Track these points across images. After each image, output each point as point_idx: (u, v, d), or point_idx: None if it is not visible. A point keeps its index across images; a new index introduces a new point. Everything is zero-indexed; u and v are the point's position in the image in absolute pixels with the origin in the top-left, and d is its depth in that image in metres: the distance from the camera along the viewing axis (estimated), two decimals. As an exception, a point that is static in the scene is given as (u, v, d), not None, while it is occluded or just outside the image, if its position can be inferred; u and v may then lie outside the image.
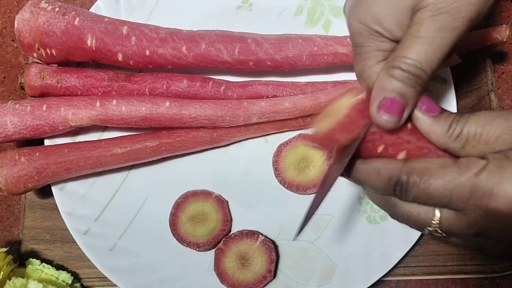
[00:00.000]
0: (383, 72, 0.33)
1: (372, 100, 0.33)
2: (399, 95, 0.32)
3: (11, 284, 0.46)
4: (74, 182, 0.53)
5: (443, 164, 0.31)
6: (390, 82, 0.32)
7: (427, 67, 0.32)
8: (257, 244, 0.50)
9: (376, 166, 0.33)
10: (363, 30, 0.35)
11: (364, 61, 0.36)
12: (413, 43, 0.32)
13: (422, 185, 0.31)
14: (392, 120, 0.32)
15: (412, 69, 0.32)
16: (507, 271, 0.52)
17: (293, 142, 0.53)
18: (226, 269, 0.50)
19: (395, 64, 0.32)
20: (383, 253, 0.50)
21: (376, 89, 0.33)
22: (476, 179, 0.29)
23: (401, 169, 0.32)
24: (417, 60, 0.32)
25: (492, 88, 0.57)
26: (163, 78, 0.52)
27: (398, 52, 0.33)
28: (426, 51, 0.32)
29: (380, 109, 0.32)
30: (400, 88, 0.32)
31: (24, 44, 0.50)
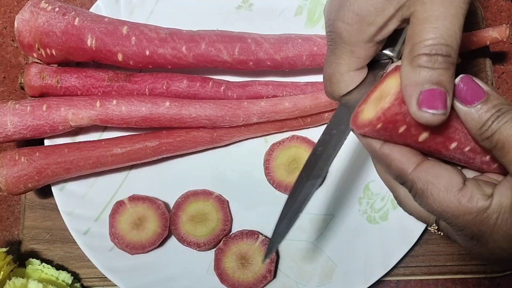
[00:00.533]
0: (406, 66, 0.30)
1: (408, 100, 0.29)
2: (436, 84, 0.29)
3: (11, 284, 0.46)
4: (74, 182, 0.53)
5: (447, 186, 0.30)
6: (419, 73, 0.29)
7: (452, 41, 0.29)
8: (257, 244, 0.50)
9: (391, 157, 0.31)
10: (343, 31, 0.33)
11: (337, 65, 0.34)
12: (426, 23, 0.29)
13: (424, 199, 0.31)
14: (439, 113, 0.28)
15: (438, 49, 0.29)
16: (507, 271, 0.52)
17: (286, 142, 0.53)
18: (226, 269, 0.50)
19: (417, 52, 0.29)
20: (383, 253, 0.50)
21: (406, 87, 0.29)
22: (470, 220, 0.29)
23: (409, 174, 0.31)
24: (440, 37, 0.29)
25: (492, 88, 0.57)
26: (163, 78, 0.52)
27: (413, 41, 0.30)
28: (444, 25, 0.29)
29: (421, 106, 0.28)
30: (434, 76, 0.29)
31: (24, 44, 0.50)
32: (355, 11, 0.32)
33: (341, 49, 0.34)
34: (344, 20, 0.32)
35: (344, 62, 0.34)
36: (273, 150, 0.52)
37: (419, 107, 0.29)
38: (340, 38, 0.33)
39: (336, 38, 0.34)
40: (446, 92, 0.29)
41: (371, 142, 0.32)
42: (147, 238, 0.50)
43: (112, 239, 0.50)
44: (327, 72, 0.35)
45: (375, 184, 0.53)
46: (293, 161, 0.52)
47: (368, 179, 0.53)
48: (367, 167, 0.53)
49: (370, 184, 0.53)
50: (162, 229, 0.51)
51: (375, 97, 0.31)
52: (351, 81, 0.34)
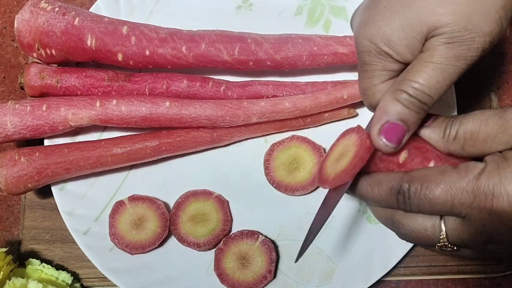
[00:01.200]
0: (388, 94, 0.33)
1: (374, 122, 0.33)
2: (402, 121, 0.32)
3: (11, 284, 0.46)
4: (74, 182, 0.53)
5: (442, 171, 0.31)
6: (395, 106, 0.32)
7: (435, 93, 0.32)
8: (257, 244, 0.50)
9: (378, 178, 0.33)
10: (371, 49, 0.34)
11: (369, 79, 0.36)
12: (424, 67, 0.32)
13: (424, 192, 0.31)
14: (390, 146, 0.32)
15: (419, 95, 0.32)
16: (507, 271, 0.52)
17: (286, 142, 0.53)
18: (226, 269, 0.50)
19: (403, 88, 0.32)
20: (383, 253, 0.50)
21: (379, 110, 0.33)
22: (476, 182, 0.29)
23: (402, 178, 0.32)
24: (426, 85, 0.32)
25: (492, 88, 0.57)
26: (163, 78, 0.52)
27: (407, 76, 0.32)
28: (436, 77, 0.32)
29: (381, 133, 0.32)
30: (404, 113, 0.32)
31: (24, 44, 0.50)
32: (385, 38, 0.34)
33: (372, 66, 0.35)
34: (372, 40, 0.34)
35: (376, 76, 0.35)
36: (273, 150, 0.52)
37: (379, 132, 0.33)
38: (369, 56, 0.35)
39: (365, 57, 0.35)
40: (407, 131, 0.32)
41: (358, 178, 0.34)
42: (147, 238, 0.50)
43: (112, 239, 0.50)
44: (362, 88, 0.37)
45: (375, 184, 0.53)
46: (293, 161, 0.52)
47: (368, 179, 0.53)
48: (367, 167, 0.53)
49: (370, 184, 0.53)
50: (162, 229, 0.51)
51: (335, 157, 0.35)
52: (386, 89, 0.35)
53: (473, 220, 0.30)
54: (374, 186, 0.33)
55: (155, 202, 0.51)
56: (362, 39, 0.35)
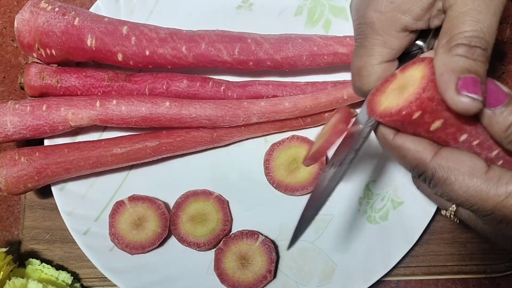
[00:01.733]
0: (443, 55, 0.29)
1: (444, 87, 0.28)
2: (474, 73, 0.28)
3: (11, 284, 0.46)
4: (74, 182, 0.53)
5: (472, 171, 0.29)
6: (458, 61, 0.29)
7: (489, 36, 0.29)
8: (257, 244, 0.50)
9: (405, 148, 0.31)
10: (375, 21, 0.32)
11: (368, 57, 0.33)
12: (466, 16, 0.29)
13: (446, 187, 0.30)
14: (478, 99, 0.28)
15: (477, 42, 0.29)
16: (507, 271, 0.52)
17: (286, 142, 0.53)
18: (226, 269, 0.50)
19: (456, 42, 0.29)
20: (383, 253, 0.50)
21: (443, 75, 0.29)
22: (500, 201, 0.28)
23: (429, 163, 0.30)
24: (480, 30, 0.29)
25: None
26: (163, 78, 0.52)
27: (453, 31, 0.29)
28: (484, 20, 0.29)
29: (461, 90, 0.28)
30: (472, 65, 0.28)
31: (24, 44, 0.50)
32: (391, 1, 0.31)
33: (372, 40, 0.33)
34: (377, 9, 0.32)
35: (375, 54, 0.33)
36: (273, 150, 0.52)
37: (458, 91, 0.28)
38: (372, 29, 0.32)
39: (367, 29, 0.33)
40: (483, 83, 0.28)
41: (385, 132, 0.32)
42: (147, 238, 0.50)
43: (112, 239, 0.50)
44: (356, 66, 0.34)
45: (375, 184, 0.53)
46: (293, 161, 0.52)
47: (368, 179, 0.53)
48: (368, 167, 0.53)
49: (370, 184, 0.53)
50: (162, 229, 0.51)
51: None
52: (383, 73, 0.33)
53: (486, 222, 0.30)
54: (399, 152, 0.31)
55: (155, 202, 0.51)
56: (366, 10, 0.32)
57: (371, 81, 0.33)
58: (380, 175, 0.53)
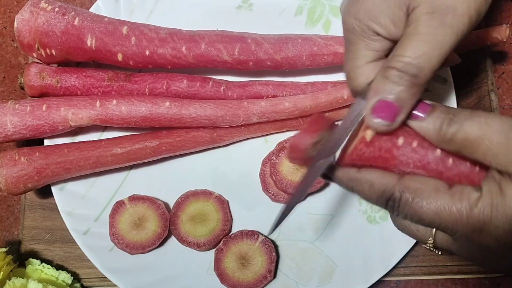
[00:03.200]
0: (378, 74, 0.32)
1: (368, 103, 0.32)
2: (394, 98, 0.31)
3: (11, 284, 0.46)
4: (74, 182, 0.53)
5: (436, 188, 0.30)
6: (384, 83, 0.31)
7: (424, 65, 0.31)
8: (257, 244, 0.50)
9: (370, 178, 0.32)
10: (355, 26, 0.34)
11: (353, 60, 0.35)
12: (411, 40, 0.31)
13: (414, 206, 0.30)
14: (384, 123, 0.31)
15: (408, 68, 0.31)
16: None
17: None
18: (226, 269, 0.50)
19: (391, 64, 0.31)
20: (383, 253, 0.50)
21: (370, 91, 0.32)
22: (466, 214, 0.29)
23: (395, 185, 0.31)
24: (414, 57, 0.30)
25: (492, 88, 0.57)
26: (163, 78, 0.52)
27: (395, 52, 0.32)
28: (424, 48, 0.31)
29: (373, 112, 0.31)
30: (396, 90, 0.31)
31: (24, 44, 0.50)
32: (368, 12, 0.33)
33: (356, 45, 0.35)
34: (356, 17, 0.34)
35: (360, 56, 0.35)
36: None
37: (371, 112, 0.31)
38: (354, 34, 0.34)
39: (350, 35, 0.35)
40: (401, 108, 0.31)
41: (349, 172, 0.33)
42: (147, 238, 0.50)
43: (112, 239, 0.50)
44: (346, 70, 0.36)
45: (375, 184, 0.53)
46: None
47: (368, 179, 0.53)
48: (367, 167, 0.53)
49: (370, 184, 0.53)
50: (162, 229, 0.51)
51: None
52: (370, 71, 0.35)
53: (461, 241, 0.31)
54: (364, 185, 0.33)
55: (155, 202, 0.51)
56: (347, 17, 0.35)
57: (360, 81, 0.35)
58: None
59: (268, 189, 0.52)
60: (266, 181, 0.52)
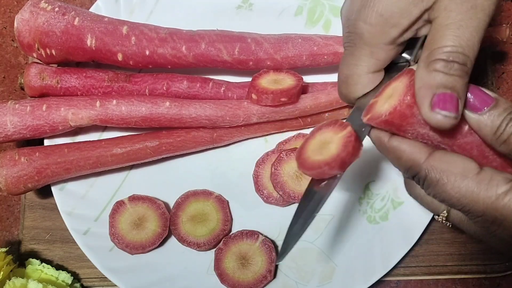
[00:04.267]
0: (422, 69, 0.30)
1: (421, 101, 0.30)
2: (450, 89, 0.29)
3: (11, 284, 0.46)
4: (74, 182, 0.53)
5: (464, 172, 0.30)
6: (435, 77, 0.29)
7: (469, 51, 0.30)
8: (257, 244, 0.50)
9: (400, 150, 0.31)
10: (365, 32, 0.33)
11: (355, 66, 0.34)
12: (447, 30, 0.30)
13: (439, 188, 0.30)
14: (451, 116, 0.29)
15: (456, 56, 0.29)
16: (507, 271, 0.52)
17: (292, 141, 0.53)
18: (226, 269, 0.50)
19: (435, 57, 0.30)
20: (383, 253, 0.50)
21: (421, 89, 0.30)
22: (490, 203, 0.29)
23: (422, 164, 0.31)
24: (458, 45, 0.29)
25: (492, 88, 0.57)
26: (163, 79, 0.52)
27: (433, 45, 0.30)
28: (464, 34, 0.30)
29: (434, 107, 0.29)
30: (449, 81, 0.29)
31: (24, 44, 0.50)
32: (379, 11, 0.32)
33: (361, 50, 0.33)
34: (366, 21, 0.32)
35: (363, 64, 0.34)
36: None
37: (431, 108, 0.29)
38: (361, 39, 0.33)
39: (356, 39, 0.33)
40: (459, 98, 0.29)
41: (380, 135, 0.33)
42: (147, 238, 0.50)
43: (112, 239, 0.50)
44: (344, 74, 0.35)
45: (375, 184, 0.53)
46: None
47: (368, 179, 0.53)
48: (368, 167, 0.53)
49: (370, 184, 0.53)
50: (162, 229, 0.51)
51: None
52: (369, 83, 0.34)
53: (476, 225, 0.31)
54: (394, 155, 0.32)
55: (155, 202, 0.51)
56: (356, 21, 0.33)
57: (357, 89, 0.34)
58: (380, 175, 0.53)
59: (261, 191, 0.52)
60: (259, 182, 0.52)
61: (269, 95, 0.49)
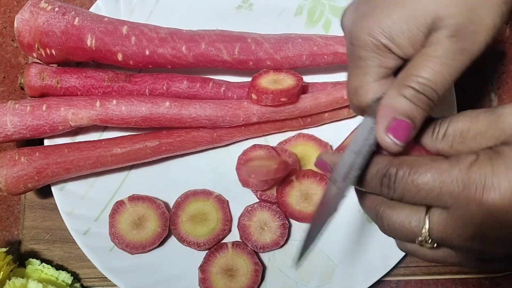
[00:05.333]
0: (394, 90, 0.31)
1: (379, 120, 0.31)
2: (409, 118, 0.31)
3: (11, 284, 0.46)
4: (74, 182, 0.53)
5: (433, 159, 0.30)
6: (400, 102, 0.31)
7: (440, 88, 0.31)
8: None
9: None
10: (369, 43, 0.33)
11: (363, 76, 0.34)
12: (429, 62, 0.31)
13: (412, 177, 0.30)
14: (399, 144, 0.31)
15: (426, 90, 0.31)
16: (507, 271, 0.52)
17: (292, 140, 0.53)
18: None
19: (408, 83, 0.31)
20: (383, 253, 0.50)
21: (384, 108, 0.31)
22: (467, 172, 0.28)
23: (390, 161, 0.31)
24: (432, 80, 0.31)
25: (492, 88, 0.57)
26: (163, 79, 0.52)
27: (412, 71, 0.31)
28: (442, 72, 0.31)
29: (388, 131, 0.31)
30: (412, 110, 0.31)
31: (24, 44, 0.50)
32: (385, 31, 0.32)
33: (368, 61, 0.33)
34: (371, 34, 0.33)
35: (371, 72, 0.34)
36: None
37: (386, 131, 0.31)
38: (366, 51, 0.33)
39: (361, 51, 0.33)
40: (414, 128, 0.31)
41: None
42: (147, 238, 0.50)
43: (112, 239, 0.50)
44: (353, 86, 0.35)
45: (375, 184, 0.53)
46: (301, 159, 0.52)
47: (368, 179, 0.53)
48: (367, 167, 0.53)
49: (370, 184, 0.53)
50: (162, 228, 0.51)
51: None
52: (380, 89, 0.34)
53: (460, 212, 0.29)
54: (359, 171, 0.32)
55: (155, 201, 0.51)
56: (359, 32, 0.33)
57: (368, 97, 0.34)
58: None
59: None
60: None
61: (269, 95, 0.49)
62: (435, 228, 0.30)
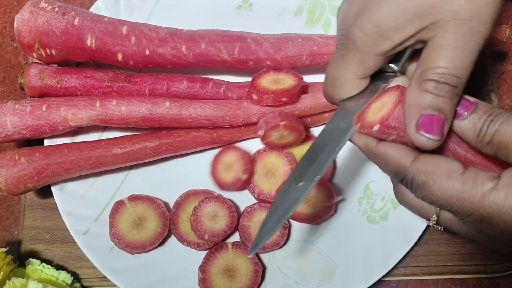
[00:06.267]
0: (413, 88, 0.31)
1: (408, 120, 0.31)
2: (438, 111, 0.30)
3: (11, 284, 0.46)
4: (74, 182, 0.53)
5: (449, 173, 0.30)
6: (425, 97, 0.30)
7: (462, 73, 0.30)
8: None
9: (387, 155, 0.32)
10: (358, 39, 0.33)
11: (343, 69, 0.34)
12: (442, 51, 0.30)
13: (426, 190, 0.31)
14: (434, 138, 0.30)
15: (447, 78, 0.30)
16: (507, 271, 0.52)
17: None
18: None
19: (428, 77, 0.30)
20: (383, 253, 0.50)
21: (409, 108, 0.31)
22: (477, 201, 0.29)
23: (408, 167, 0.31)
24: (452, 67, 0.30)
25: (492, 88, 0.57)
26: (163, 79, 0.52)
27: (427, 65, 0.31)
28: (458, 56, 0.30)
29: (419, 128, 0.30)
30: (438, 102, 0.30)
31: (24, 44, 0.50)
32: (375, 22, 0.32)
33: (352, 56, 0.34)
34: (361, 29, 0.33)
35: (352, 69, 0.34)
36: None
37: (417, 129, 0.30)
38: (354, 45, 0.33)
39: (349, 44, 0.33)
40: (445, 120, 0.30)
41: (367, 142, 0.33)
42: (147, 238, 0.50)
43: (112, 239, 0.50)
44: (331, 75, 0.35)
45: (375, 184, 0.53)
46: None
47: (368, 179, 0.53)
48: (367, 167, 0.53)
49: (370, 184, 0.53)
50: (162, 228, 0.51)
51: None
52: (354, 88, 0.35)
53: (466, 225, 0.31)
54: (380, 161, 0.33)
55: (155, 201, 0.51)
56: (351, 27, 0.33)
57: (342, 92, 0.35)
58: (380, 175, 0.53)
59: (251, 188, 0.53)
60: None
61: (270, 95, 0.49)
62: (444, 220, 0.32)
